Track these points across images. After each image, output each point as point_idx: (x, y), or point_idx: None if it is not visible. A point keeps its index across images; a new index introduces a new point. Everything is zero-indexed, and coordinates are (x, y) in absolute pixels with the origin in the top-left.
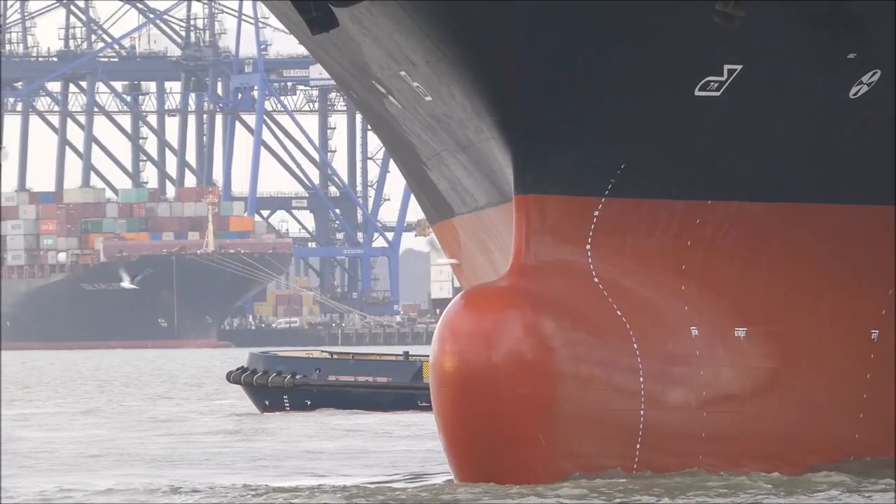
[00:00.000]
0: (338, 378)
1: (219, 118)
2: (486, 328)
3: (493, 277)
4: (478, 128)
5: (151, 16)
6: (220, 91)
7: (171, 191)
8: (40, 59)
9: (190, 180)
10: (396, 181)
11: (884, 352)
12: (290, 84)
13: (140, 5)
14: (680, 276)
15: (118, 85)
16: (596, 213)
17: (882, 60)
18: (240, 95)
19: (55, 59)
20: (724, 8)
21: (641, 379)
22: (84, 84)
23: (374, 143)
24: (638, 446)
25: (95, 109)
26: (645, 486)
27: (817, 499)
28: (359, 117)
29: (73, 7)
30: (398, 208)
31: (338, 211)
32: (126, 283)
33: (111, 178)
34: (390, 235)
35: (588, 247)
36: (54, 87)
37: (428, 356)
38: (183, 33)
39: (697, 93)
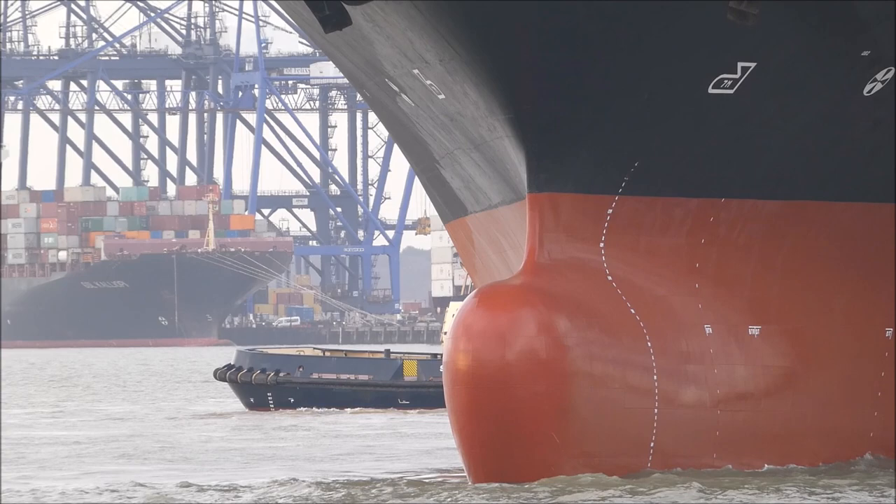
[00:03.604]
0: (320, 376)
1: (219, 116)
2: (500, 326)
3: (506, 276)
4: (491, 126)
5: (152, 14)
6: (220, 89)
7: (171, 189)
8: (41, 57)
9: (191, 179)
10: (397, 179)
11: None
12: (290, 82)
13: (141, 4)
14: (694, 274)
15: (119, 83)
16: (610, 211)
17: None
18: (240, 94)
19: (56, 57)
20: (738, 6)
21: (655, 377)
22: (85, 82)
23: (375, 141)
24: (652, 444)
25: (96, 108)
26: (656, 484)
27: (819, 498)
28: (359, 116)
29: (73, 6)
30: (399, 206)
31: (339, 209)
32: None
33: (112, 176)
34: (391, 234)
35: (602, 245)
36: (55, 85)
37: (409, 353)
38: (184, 32)
39: (711, 90)
